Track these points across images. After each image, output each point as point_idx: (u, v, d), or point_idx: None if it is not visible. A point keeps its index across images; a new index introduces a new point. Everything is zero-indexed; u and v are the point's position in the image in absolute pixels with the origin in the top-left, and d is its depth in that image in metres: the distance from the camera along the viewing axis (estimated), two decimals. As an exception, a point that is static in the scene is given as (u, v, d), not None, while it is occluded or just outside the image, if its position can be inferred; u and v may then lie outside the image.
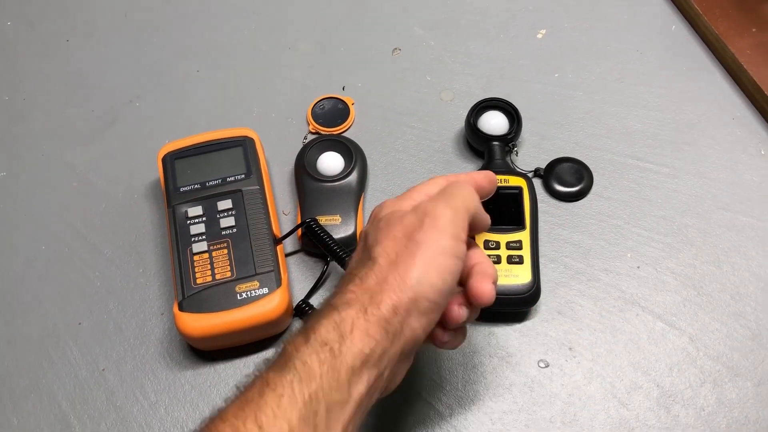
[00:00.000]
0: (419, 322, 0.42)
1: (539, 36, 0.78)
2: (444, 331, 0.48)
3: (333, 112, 0.72)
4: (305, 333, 0.40)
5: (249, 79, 0.77)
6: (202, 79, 0.77)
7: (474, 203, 0.47)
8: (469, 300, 0.47)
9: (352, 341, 0.39)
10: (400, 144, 0.71)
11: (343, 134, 0.71)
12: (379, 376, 0.41)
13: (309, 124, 0.72)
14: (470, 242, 0.49)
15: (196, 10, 0.83)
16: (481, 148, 0.66)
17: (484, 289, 0.46)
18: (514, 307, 0.59)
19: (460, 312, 0.47)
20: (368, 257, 0.44)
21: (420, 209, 0.45)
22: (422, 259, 0.42)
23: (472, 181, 0.49)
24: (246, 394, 0.38)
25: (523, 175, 0.63)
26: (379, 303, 0.41)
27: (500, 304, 0.57)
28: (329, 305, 0.42)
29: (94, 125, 0.73)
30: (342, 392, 0.38)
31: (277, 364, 0.39)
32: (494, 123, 0.66)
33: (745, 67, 0.70)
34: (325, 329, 0.40)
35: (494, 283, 0.47)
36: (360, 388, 0.39)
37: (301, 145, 0.68)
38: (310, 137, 0.71)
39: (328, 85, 0.75)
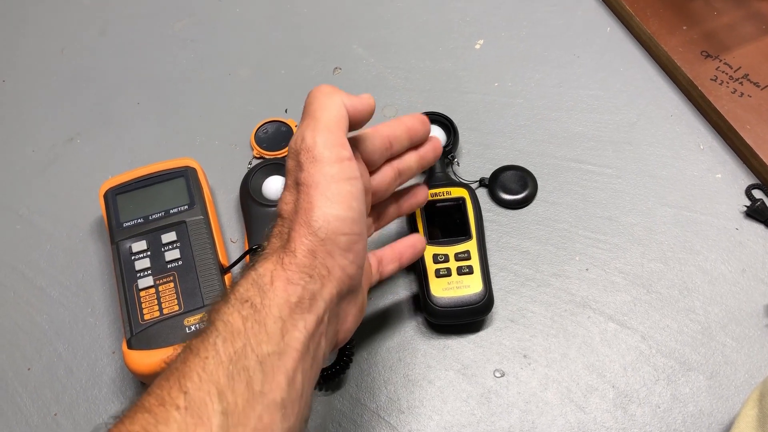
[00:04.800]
0: (346, 259, 0.41)
1: (477, 46, 0.79)
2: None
3: (276, 135, 0.72)
4: (225, 295, 0.39)
5: (190, 108, 0.76)
6: (143, 111, 0.76)
7: (339, 108, 0.44)
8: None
9: (275, 292, 0.38)
10: (346, 163, 0.70)
11: (288, 157, 0.71)
12: (319, 322, 0.40)
13: (253, 149, 0.71)
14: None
15: (133, 42, 0.82)
16: (422, 162, 0.67)
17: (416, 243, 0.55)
18: (469, 317, 0.58)
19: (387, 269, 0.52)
20: (278, 214, 0.44)
21: (292, 149, 0.43)
22: (317, 197, 0.41)
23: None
24: (171, 366, 0.36)
25: (465, 186, 0.63)
26: (293, 250, 0.40)
27: (455, 316, 0.58)
28: (247, 266, 0.41)
29: (35, 166, 0.72)
30: (273, 343, 0.37)
31: (201, 331, 0.38)
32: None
33: (678, 63, 0.72)
34: (244, 288, 0.39)
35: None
36: (296, 335, 0.38)
37: (246, 171, 0.68)
38: (255, 162, 0.70)
39: (271, 108, 0.75)
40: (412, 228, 0.62)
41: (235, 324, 0.37)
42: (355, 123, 0.46)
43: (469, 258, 0.59)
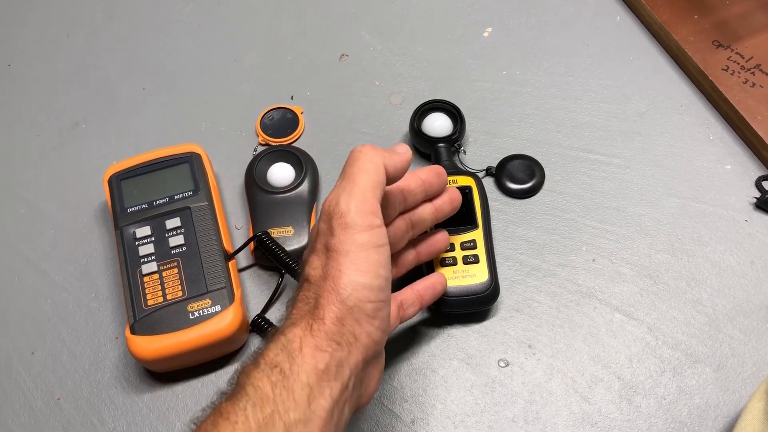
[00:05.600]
0: (372, 325, 0.42)
1: (485, 34, 0.78)
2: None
3: (282, 122, 0.72)
4: (255, 359, 0.40)
5: (196, 94, 0.76)
6: (149, 96, 0.76)
7: (378, 172, 0.45)
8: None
9: (303, 359, 0.39)
10: (352, 150, 0.70)
11: (294, 144, 0.70)
12: (344, 389, 0.40)
13: (258, 136, 0.71)
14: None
15: (139, 27, 0.82)
16: (428, 150, 0.66)
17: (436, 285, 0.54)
18: (474, 306, 0.58)
19: (408, 312, 0.52)
20: (304, 278, 0.44)
21: (325, 211, 0.44)
22: (346, 265, 0.42)
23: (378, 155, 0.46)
24: (200, 427, 0.37)
25: (472, 174, 0.62)
26: (322, 317, 0.41)
27: (461, 305, 0.57)
28: (276, 330, 0.42)
29: (40, 150, 0.72)
30: (300, 411, 0.38)
31: (230, 394, 0.39)
32: (438, 125, 0.66)
33: (689, 53, 0.71)
34: (273, 352, 0.40)
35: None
36: (322, 403, 0.39)
37: (251, 158, 0.67)
38: (260, 149, 0.70)
39: (277, 95, 0.74)
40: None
41: (265, 389, 0.38)
42: (391, 180, 0.47)
43: (475, 247, 0.59)
